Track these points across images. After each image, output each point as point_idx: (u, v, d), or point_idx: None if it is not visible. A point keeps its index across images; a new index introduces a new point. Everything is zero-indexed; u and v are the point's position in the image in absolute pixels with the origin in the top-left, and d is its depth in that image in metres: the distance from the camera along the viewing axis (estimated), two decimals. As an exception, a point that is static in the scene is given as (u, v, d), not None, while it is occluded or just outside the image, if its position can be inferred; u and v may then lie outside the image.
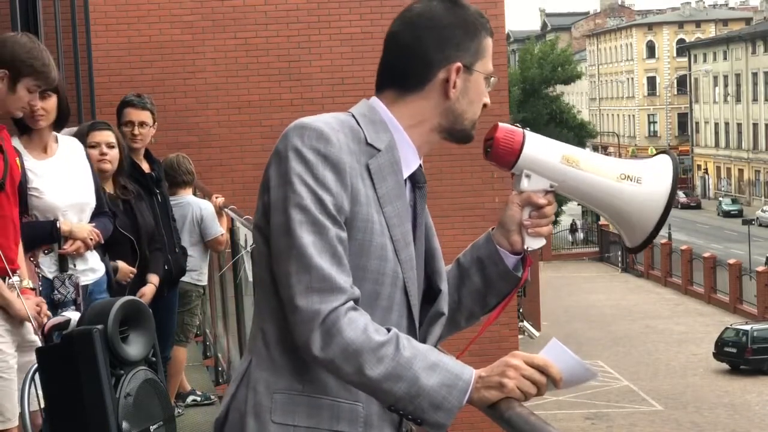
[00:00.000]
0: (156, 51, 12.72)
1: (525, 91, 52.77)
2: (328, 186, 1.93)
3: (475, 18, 2.09)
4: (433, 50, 2.05)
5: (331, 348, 1.88)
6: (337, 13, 13.17)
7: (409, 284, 2.04)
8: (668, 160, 2.16)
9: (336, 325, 1.88)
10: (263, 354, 2.02)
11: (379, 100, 2.08)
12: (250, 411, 2.00)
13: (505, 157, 2.14)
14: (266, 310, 2.03)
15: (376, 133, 2.03)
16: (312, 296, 1.89)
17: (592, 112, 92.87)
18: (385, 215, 2.00)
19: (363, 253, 1.97)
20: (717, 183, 76.00)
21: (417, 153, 2.09)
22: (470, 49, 2.07)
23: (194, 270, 6.50)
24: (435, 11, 2.07)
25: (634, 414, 25.96)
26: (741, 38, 71.09)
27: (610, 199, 2.14)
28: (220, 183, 11.08)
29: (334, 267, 1.91)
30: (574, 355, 1.93)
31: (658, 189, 2.13)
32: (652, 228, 2.14)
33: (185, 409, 6.61)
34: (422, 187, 2.12)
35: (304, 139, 1.95)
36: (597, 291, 40.29)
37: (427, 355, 1.90)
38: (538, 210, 2.16)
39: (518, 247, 2.19)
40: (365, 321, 1.90)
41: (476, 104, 2.09)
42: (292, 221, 1.91)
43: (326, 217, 1.92)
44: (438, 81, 2.06)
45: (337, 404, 1.99)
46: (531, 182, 2.16)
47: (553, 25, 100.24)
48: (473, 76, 2.07)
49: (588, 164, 2.14)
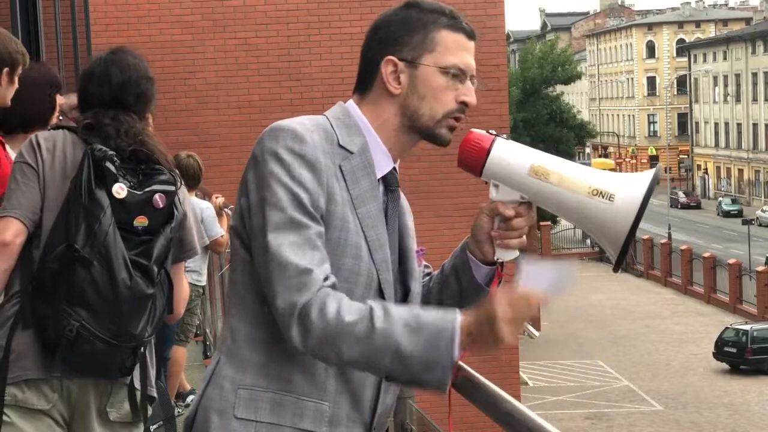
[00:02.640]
0: (156, 51, 12.71)
1: (525, 91, 52.80)
2: (305, 184, 1.95)
3: (422, 14, 2.09)
4: (374, 49, 2.09)
5: (309, 338, 1.90)
6: (337, 13, 13.18)
7: (385, 286, 2.06)
8: (647, 178, 2.03)
9: (309, 315, 1.89)
10: (231, 351, 2.04)
11: (352, 101, 2.12)
12: (216, 408, 2.02)
13: (470, 163, 2.09)
14: (237, 310, 2.06)
15: (349, 136, 2.05)
16: (289, 292, 1.91)
17: (592, 112, 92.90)
18: (359, 216, 2.02)
19: (338, 252, 1.98)
20: (717, 183, 76.01)
21: (389, 156, 2.10)
22: (410, 43, 2.06)
23: (194, 271, 6.51)
24: (386, 15, 2.12)
25: (633, 414, 25.96)
26: (741, 38, 71.11)
27: (580, 215, 2.06)
28: (220, 183, 11.07)
29: (311, 260, 1.92)
30: (549, 264, 1.93)
31: (628, 208, 2.00)
32: (622, 243, 2.02)
33: (185, 408, 6.61)
34: (395, 191, 2.13)
35: (279, 140, 1.97)
36: (597, 291, 40.29)
37: (406, 319, 1.89)
38: (506, 222, 2.11)
39: (490, 257, 2.15)
40: (337, 304, 1.90)
41: (430, 100, 2.06)
42: (270, 223, 1.94)
43: (303, 215, 1.94)
44: (380, 78, 2.08)
45: (302, 402, 2.00)
46: (500, 192, 2.09)
47: (553, 25, 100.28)
48: (419, 71, 2.06)
49: (558, 177, 2.04)
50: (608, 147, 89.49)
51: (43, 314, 2.86)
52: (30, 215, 2.92)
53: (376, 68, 2.08)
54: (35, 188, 2.94)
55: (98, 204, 2.86)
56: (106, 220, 2.85)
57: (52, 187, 2.94)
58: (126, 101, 3.09)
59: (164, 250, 2.97)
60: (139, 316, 2.91)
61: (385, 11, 2.13)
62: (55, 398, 2.93)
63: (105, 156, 2.90)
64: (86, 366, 2.90)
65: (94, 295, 2.84)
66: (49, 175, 2.95)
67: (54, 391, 2.93)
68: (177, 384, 6.55)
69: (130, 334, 2.90)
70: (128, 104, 3.09)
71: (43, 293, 2.87)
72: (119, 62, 3.12)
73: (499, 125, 12.66)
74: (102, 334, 2.85)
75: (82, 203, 2.86)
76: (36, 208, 2.93)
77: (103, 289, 2.84)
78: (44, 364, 2.89)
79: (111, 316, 2.86)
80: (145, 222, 2.93)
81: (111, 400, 3.00)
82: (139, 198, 2.92)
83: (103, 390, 2.98)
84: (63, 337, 2.83)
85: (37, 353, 2.88)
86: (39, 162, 2.96)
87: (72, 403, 2.96)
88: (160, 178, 2.99)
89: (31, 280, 2.89)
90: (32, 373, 2.90)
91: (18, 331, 2.89)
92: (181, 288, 3.20)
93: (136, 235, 2.91)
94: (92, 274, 2.83)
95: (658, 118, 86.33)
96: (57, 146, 2.99)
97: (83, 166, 2.89)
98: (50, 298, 2.85)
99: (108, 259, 2.84)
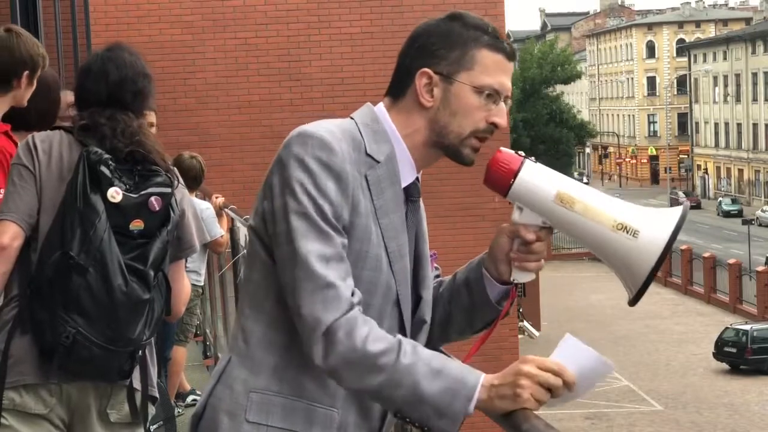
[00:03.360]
0: (156, 51, 12.70)
1: (525, 91, 52.83)
2: (329, 196, 1.93)
3: (464, 30, 2.06)
4: (411, 58, 2.06)
5: (331, 357, 1.89)
6: (337, 13, 13.18)
7: (403, 298, 2.05)
8: (675, 216, 1.97)
9: (336, 335, 1.88)
10: (243, 352, 2.03)
11: (383, 105, 2.09)
12: (226, 409, 2.00)
13: (498, 182, 2.05)
14: (252, 311, 2.04)
15: (376, 144, 2.03)
16: (315, 305, 1.89)
17: (592, 112, 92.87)
18: (382, 227, 2.00)
19: (359, 263, 1.97)
20: (717, 183, 76.00)
21: (414, 167, 2.08)
22: (448, 58, 2.04)
23: (193, 271, 6.51)
24: (428, 24, 2.09)
25: (633, 414, 25.97)
26: (741, 38, 71.09)
27: (602, 248, 2.02)
28: (220, 183, 11.07)
29: (337, 275, 1.91)
30: (590, 349, 1.87)
31: (652, 247, 1.96)
32: (642, 282, 1.99)
33: (185, 408, 6.62)
34: (416, 201, 2.11)
35: (307, 148, 1.94)
36: (597, 291, 40.25)
37: (431, 361, 1.88)
38: (526, 245, 2.09)
39: (506, 277, 2.12)
40: (367, 330, 1.90)
41: (461, 117, 2.04)
42: (296, 230, 1.92)
43: (328, 225, 1.92)
44: (413, 88, 2.06)
45: (313, 408, 1.99)
46: (523, 215, 2.06)
47: (553, 25, 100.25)
48: (454, 87, 2.04)
49: (583, 207, 2.00)
50: (608, 147, 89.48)
51: (40, 319, 2.86)
52: (27, 218, 2.92)
53: (411, 78, 2.05)
54: (32, 191, 2.94)
55: (93, 209, 2.85)
56: (101, 225, 2.84)
57: (49, 189, 2.93)
58: (123, 99, 3.07)
59: (161, 253, 2.95)
60: (136, 320, 2.90)
61: (428, 20, 2.10)
62: (53, 402, 2.92)
63: (100, 159, 2.88)
64: (84, 371, 2.89)
65: (90, 302, 2.83)
66: (46, 178, 2.94)
67: (52, 396, 2.92)
68: (177, 384, 6.56)
69: (128, 339, 2.89)
70: (125, 102, 3.07)
71: (41, 298, 2.86)
72: (116, 59, 3.10)
73: (499, 125, 12.65)
74: (98, 340, 2.84)
75: (77, 208, 2.85)
76: (33, 211, 2.93)
77: (98, 295, 2.83)
78: (42, 370, 2.88)
79: (107, 322, 2.85)
80: (140, 225, 2.91)
81: (111, 402, 2.99)
82: (135, 201, 2.90)
83: (103, 392, 2.97)
84: (60, 344, 2.82)
85: (35, 358, 2.88)
86: (36, 164, 2.95)
87: (72, 407, 2.95)
88: (156, 180, 2.97)
89: (29, 284, 2.88)
90: (30, 378, 2.89)
91: (16, 335, 2.88)
92: (182, 285, 3.18)
93: (132, 239, 2.90)
94: (88, 281, 2.83)
95: (658, 118, 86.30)
96: (53, 147, 2.98)
97: (78, 169, 2.88)
98: (47, 303, 2.84)
99: (103, 265, 2.83)
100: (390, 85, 2.10)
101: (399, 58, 2.09)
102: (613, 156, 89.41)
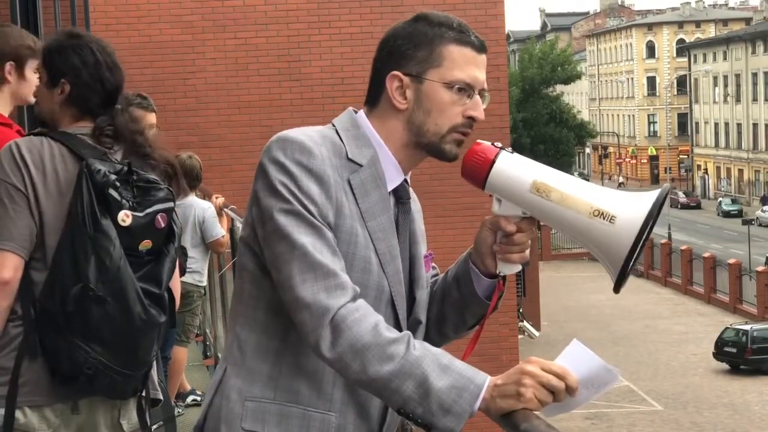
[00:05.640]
0: (156, 51, 12.72)
1: (525, 91, 52.83)
2: (313, 197, 1.93)
3: (429, 28, 2.06)
4: (382, 63, 2.08)
5: (339, 344, 1.87)
6: (337, 13, 13.18)
7: (397, 298, 2.05)
8: (651, 198, 1.95)
9: (345, 321, 1.88)
10: (238, 362, 2.03)
11: (363, 113, 2.10)
12: (223, 418, 2.01)
13: (474, 174, 2.04)
14: (245, 319, 2.04)
15: (358, 149, 2.04)
16: (319, 294, 1.89)
17: (592, 112, 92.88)
18: (369, 229, 2.00)
19: (347, 266, 1.96)
20: (717, 183, 76.00)
21: (399, 169, 2.08)
22: (416, 58, 2.04)
23: (196, 271, 6.51)
24: (394, 28, 2.10)
25: (634, 414, 25.97)
26: (741, 38, 71.09)
27: (581, 235, 2.00)
28: (220, 183, 11.07)
29: (339, 266, 1.92)
30: (596, 356, 1.86)
31: (628, 231, 1.93)
32: (621, 267, 1.96)
33: (185, 409, 6.62)
34: (405, 203, 2.11)
35: (287, 152, 1.95)
36: (597, 291, 40.25)
37: (439, 357, 1.87)
38: (507, 237, 2.08)
39: (492, 270, 2.12)
40: (376, 319, 1.90)
41: (436, 115, 2.04)
42: (286, 226, 1.92)
43: (317, 221, 1.93)
44: (386, 92, 2.06)
45: (309, 414, 2.00)
46: (502, 207, 2.06)
47: (553, 25, 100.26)
48: (425, 86, 2.04)
49: (559, 196, 1.98)
50: (608, 147, 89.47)
51: (56, 348, 2.77)
52: (26, 245, 2.77)
53: (381, 81, 2.07)
54: (26, 214, 2.77)
55: (106, 235, 2.72)
56: (116, 252, 2.72)
57: (50, 207, 2.78)
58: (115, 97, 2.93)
59: (171, 273, 2.90)
60: (152, 343, 2.87)
61: (396, 24, 2.11)
62: (57, 423, 2.85)
63: (108, 182, 2.73)
64: (101, 392, 2.85)
65: (110, 331, 2.75)
66: (44, 196, 2.78)
67: (57, 417, 2.85)
68: (178, 384, 6.55)
69: (144, 362, 2.87)
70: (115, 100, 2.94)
71: (56, 327, 2.76)
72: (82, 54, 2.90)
73: (499, 125, 12.66)
74: (117, 366, 2.79)
75: (87, 233, 2.71)
76: (32, 235, 2.78)
77: (118, 324, 2.76)
78: (50, 392, 2.81)
79: (126, 349, 2.80)
80: (149, 245, 2.82)
81: (122, 413, 2.95)
82: (143, 222, 2.79)
83: (113, 404, 2.93)
84: (82, 374, 2.75)
85: (46, 381, 2.80)
86: (27, 184, 2.77)
87: (80, 423, 2.89)
88: (159, 196, 2.84)
89: (33, 304, 2.78)
90: (40, 400, 2.82)
91: (25, 359, 2.79)
92: (176, 282, 3.10)
93: (140, 258, 2.81)
94: (107, 311, 2.73)
95: (658, 118, 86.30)
96: (45, 161, 2.79)
97: (82, 189, 2.73)
98: (64, 333, 2.75)
99: (122, 295, 2.74)
100: (367, 93, 2.11)
101: (373, 65, 2.10)
102: (613, 156, 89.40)
